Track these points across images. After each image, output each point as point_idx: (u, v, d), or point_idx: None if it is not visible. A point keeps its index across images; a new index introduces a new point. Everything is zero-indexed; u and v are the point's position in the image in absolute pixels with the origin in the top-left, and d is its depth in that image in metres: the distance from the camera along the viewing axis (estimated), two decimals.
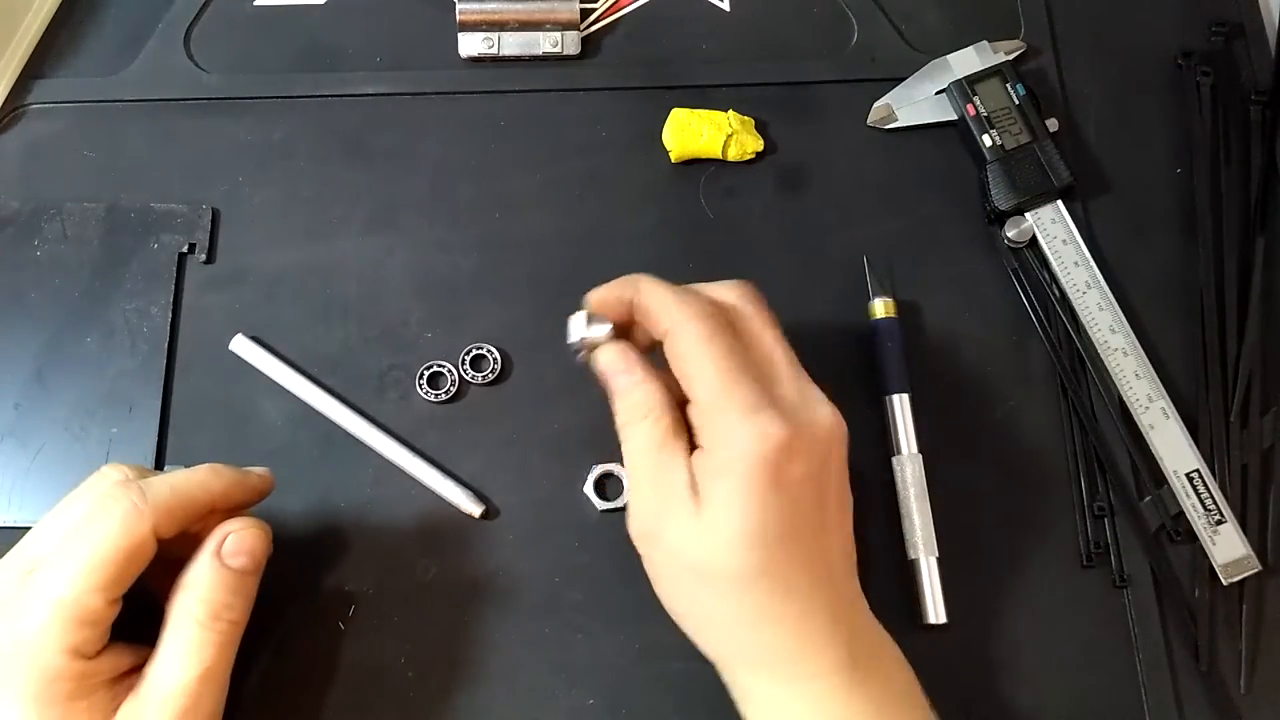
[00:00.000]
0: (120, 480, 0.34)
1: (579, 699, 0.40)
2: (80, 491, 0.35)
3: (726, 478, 0.33)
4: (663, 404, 0.36)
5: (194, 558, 0.35)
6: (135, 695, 0.33)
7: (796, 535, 0.34)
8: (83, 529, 0.32)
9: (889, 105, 0.49)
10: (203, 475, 0.35)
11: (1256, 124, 0.49)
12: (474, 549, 0.42)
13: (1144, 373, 0.44)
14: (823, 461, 0.35)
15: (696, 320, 0.35)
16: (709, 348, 0.34)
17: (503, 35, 0.49)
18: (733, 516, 0.33)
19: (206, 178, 0.48)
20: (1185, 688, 0.41)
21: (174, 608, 0.34)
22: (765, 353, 0.36)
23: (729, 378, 0.34)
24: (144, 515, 0.32)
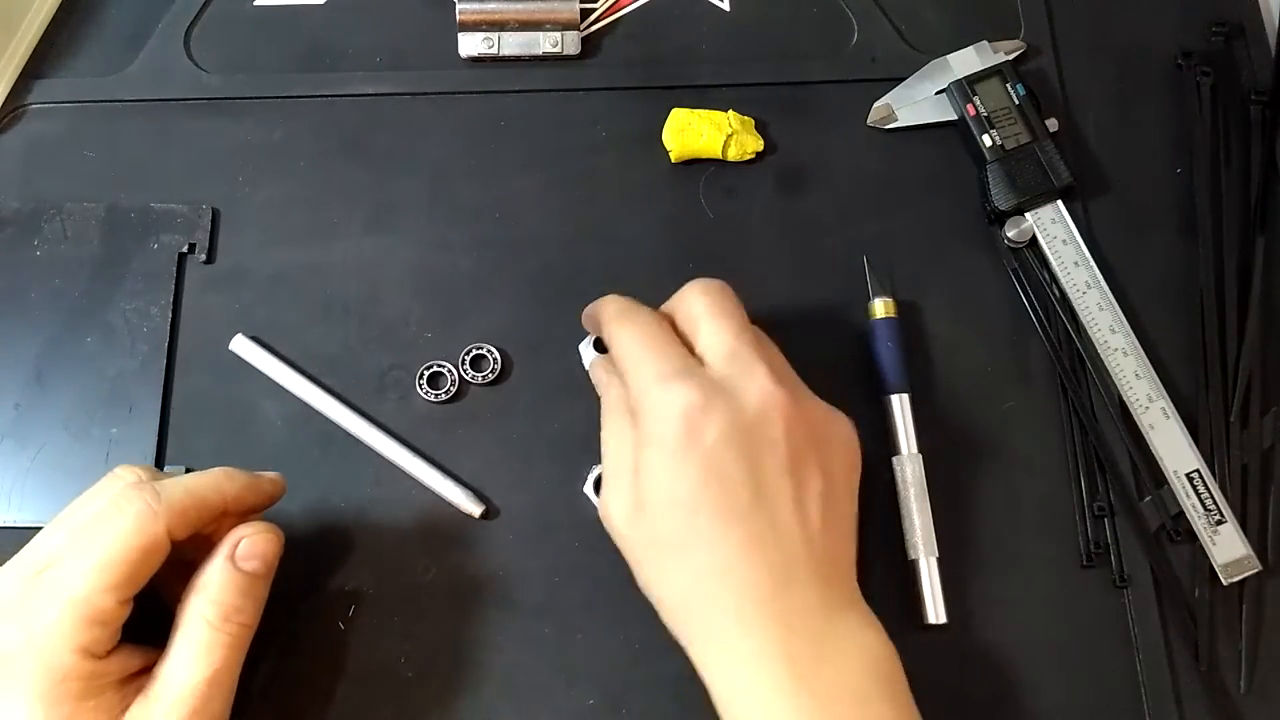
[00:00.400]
0: (134, 482, 0.34)
1: (579, 699, 0.40)
2: (93, 492, 0.35)
3: (646, 449, 0.35)
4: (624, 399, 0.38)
5: (207, 560, 0.35)
6: (144, 696, 0.33)
7: (724, 508, 0.34)
8: (96, 528, 0.32)
9: (889, 105, 0.49)
10: (216, 478, 0.35)
11: (1256, 124, 0.49)
12: (474, 549, 0.42)
13: (1144, 373, 0.44)
14: (753, 430, 0.35)
15: (626, 319, 0.38)
16: (626, 331, 0.38)
17: (503, 35, 0.49)
18: (654, 485, 0.35)
19: (206, 178, 0.48)
20: (1185, 688, 0.41)
21: (185, 609, 0.34)
22: (698, 333, 0.38)
23: (645, 357, 0.36)
24: (158, 516, 0.32)
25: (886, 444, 0.43)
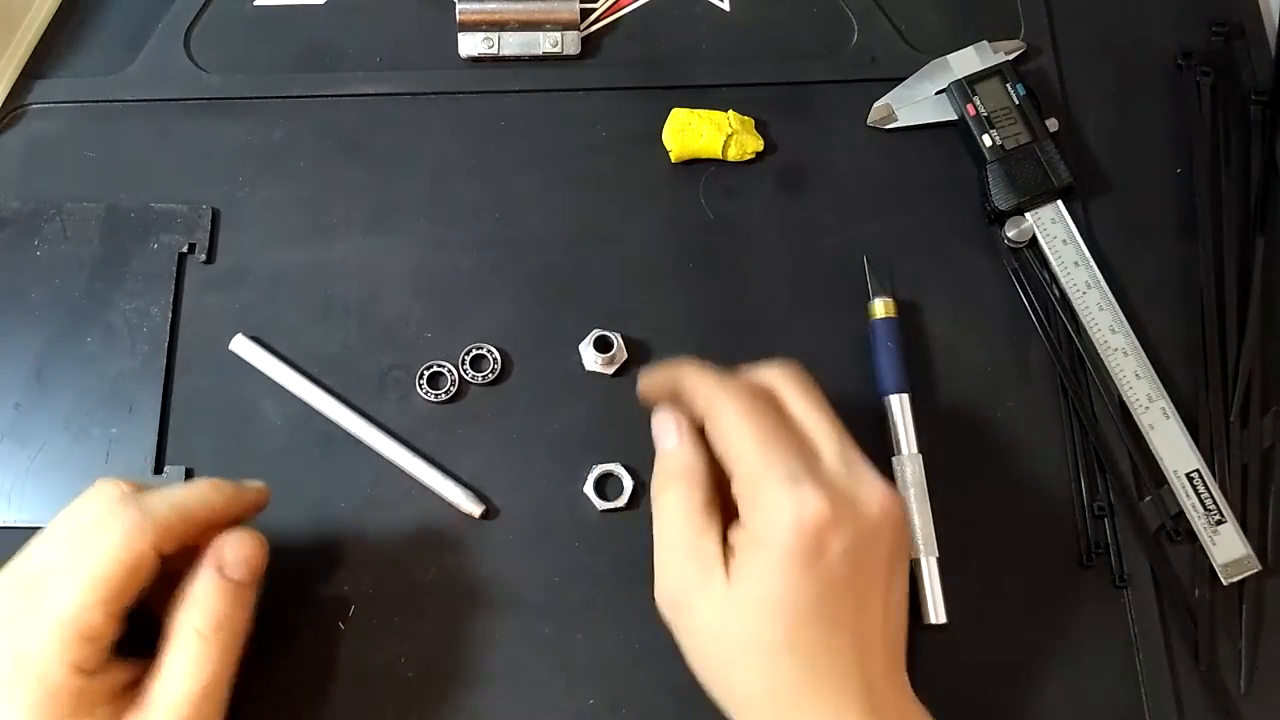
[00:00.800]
0: (119, 496, 0.34)
1: (579, 699, 0.40)
2: (79, 505, 0.34)
3: (762, 548, 0.33)
4: (700, 472, 0.36)
5: (193, 571, 0.35)
6: (138, 709, 0.33)
7: (833, 616, 0.33)
8: (84, 544, 0.32)
9: (889, 105, 0.49)
10: (203, 490, 0.35)
11: (1256, 124, 0.49)
12: (474, 549, 0.42)
13: (1144, 373, 0.44)
14: (868, 541, 0.34)
15: (733, 397, 0.35)
16: (747, 422, 0.35)
17: (503, 35, 0.49)
18: (764, 586, 0.33)
19: (206, 178, 0.48)
20: (1185, 688, 0.41)
21: (175, 621, 0.34)
22: (809, 427, 0.36)
23: (767, 450, 0.34)
24: (145, 531, 0.32)
25: (886, 444, 0.43)
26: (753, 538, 0.34)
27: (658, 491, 0.37)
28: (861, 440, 0.43)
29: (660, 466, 0.37)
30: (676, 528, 0.35)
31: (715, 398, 0.36)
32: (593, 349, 0.44)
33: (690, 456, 0.36)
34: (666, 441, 0.37)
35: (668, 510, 0.36)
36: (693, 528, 0.35)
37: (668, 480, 0.36)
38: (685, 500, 0.35)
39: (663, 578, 0.36)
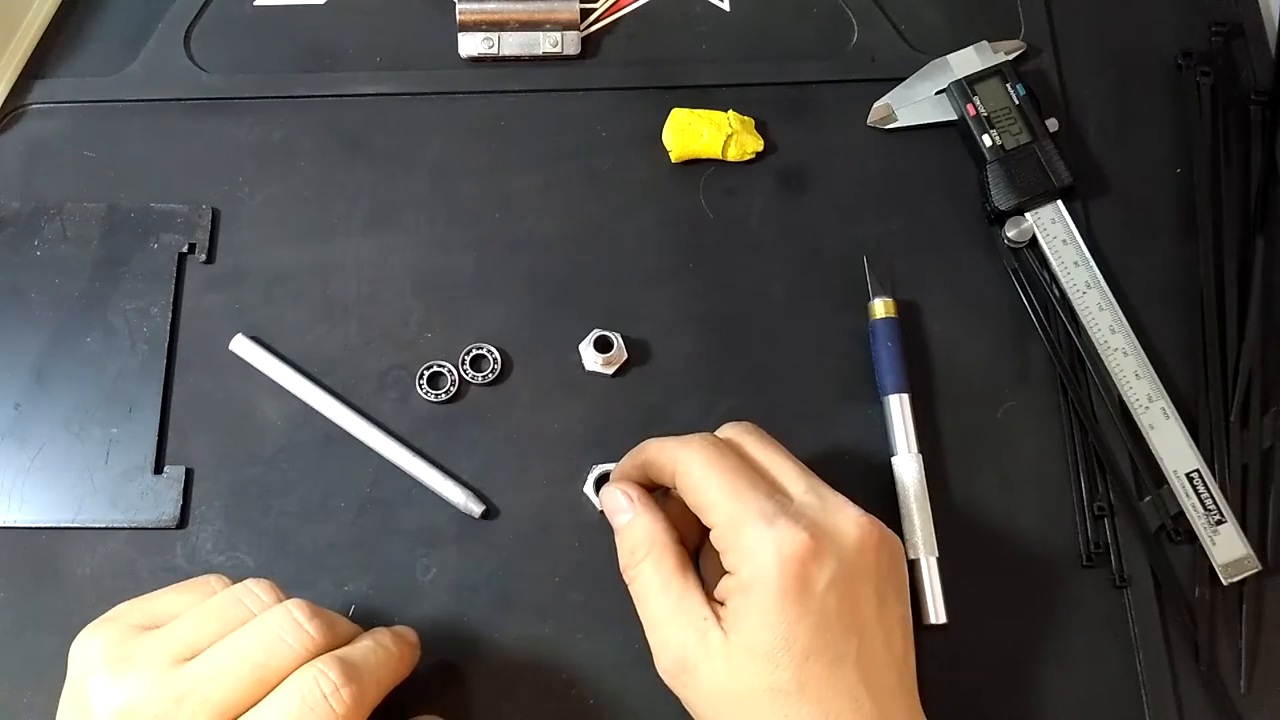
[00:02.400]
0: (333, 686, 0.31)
1: (579, 699, 0.40)
2: (217, 578, 0.34)
3: (752, 592, 0.33)
4: (663, 534, 0.36)
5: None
6: None
7: (829, 647, 0.33)
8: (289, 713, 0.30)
9: (889, 105, 0.49)
10: (395, 663, 0.34)
11: (1256, 124, 0.49)
12: (474, 549, 0.42)
13: (1144, 373, 0.44)
14: (853, 567, 0.34)
15: (698, 450, 0.36)
16: (714, 469, 0.35)
17: (503, 35, 0.49)
18: (763, 631, 0.33)
19: (206, 178, 0.48)
20: (1185, 688, 0.41)
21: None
22: (774, 470, 0.36)
23: (739, 494, 0.34)
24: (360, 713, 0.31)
25: (886, 444, 0.43)
26: (741, 584, 0.33)
27: (628, 566, 0.37)
28: (861, 440, 0.44)
29: (623, 542, 0.37)
30: (659, 598, 0.35)
31: (679, 453, 0.36)
32: (593, 349, 0.44)
33: (649, 523, 0.36)
34: (620, 516, 0.37)
35: (645, 584, 0.36)
36: (674, 593, 0.35)
37: (635, 553, 0.36)
38: (659, 568, 0.35)
39: (661, 650, 0.35)
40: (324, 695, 0.31)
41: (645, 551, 0.36)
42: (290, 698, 0.31)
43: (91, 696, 0.31)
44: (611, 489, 0.38)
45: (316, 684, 0.31)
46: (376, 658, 0.34)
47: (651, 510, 0.37)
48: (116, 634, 0.32)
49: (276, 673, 0.31)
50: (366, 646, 0.34)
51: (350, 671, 0.32)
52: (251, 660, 0.31)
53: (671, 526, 0.37)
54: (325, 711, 0.31)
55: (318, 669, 0.31)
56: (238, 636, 0.32)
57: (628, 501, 0.37)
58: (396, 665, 0.35)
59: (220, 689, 0.31)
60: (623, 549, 0.37)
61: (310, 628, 0.32)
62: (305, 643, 0.32)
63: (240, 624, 0.32)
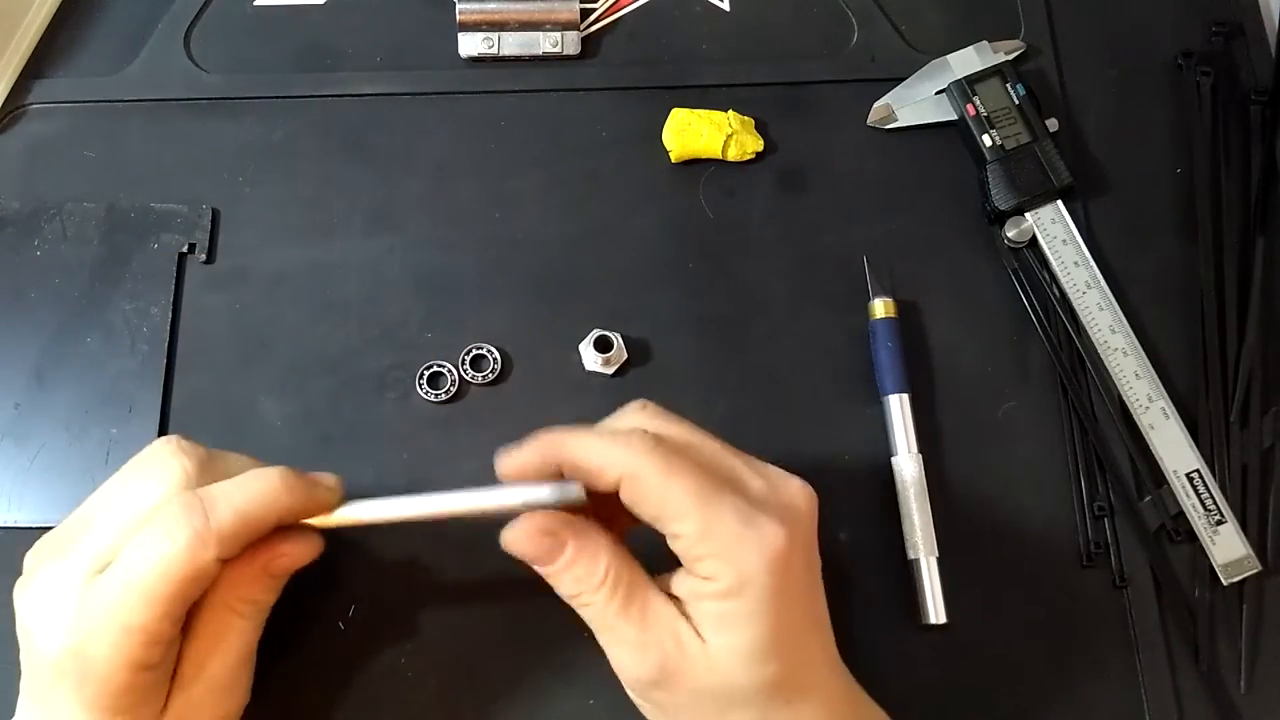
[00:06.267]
0: (186, 499, 0.32)
1: (579, 699, 0.40)
2: (140, 489, 0.34)
3: (741, 598, 0.32)
4: (612, 557, 0.33)
5: (241, 560, 0.34)
6: (182, 686, 0.34)
7: (812, 625, 0.34)
8: (147, 550, 0.32)
9: (889, 105, 0.49)
10: (274, 493, 0.33)
11: (1256, 124, 0.49)
12: (474, 548, 0.42)
13: (1144, 373, 0.44)
14: (811, 539, 0.34)
15: (649, 456, 0.32)
16: (675, 479, 0.32)
17: (503, 35, 0.49)
18: (751, 633, 0.32)
19: (206, 178, 0.48)
20: (1185, 688, 0.41)
21: (213, 600, 0.34)
22: (710, 456, 0.34)
23: (706, 501, 0.32)
24: (209, 544, 0.32)
25: (886, 444, 0.43)
26: (724, 590, 0.32)
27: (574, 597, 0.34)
28: (861, 440, 0.44)
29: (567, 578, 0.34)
30: (621, 620, 0.33)
31: (628, 464, 0.32)
32: (593, 349, 0.44)
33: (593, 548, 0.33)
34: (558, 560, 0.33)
35: (603, 612, 0.33)
36: (636, 610, 0.33)
37: (581, 584, 0.33)
38: (615, 592, 0.33)
39: (633, 666, 0.33)
40: (181, 506, 0.32)
41: (600, 578, 0.33)
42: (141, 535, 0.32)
43: (23, 629, 0.33)
44: (525, 533, 0.33)
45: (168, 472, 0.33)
46: (244, 490, 0.33)
47: (589, 534, 0.34)
48: (31, 562, 0.34)
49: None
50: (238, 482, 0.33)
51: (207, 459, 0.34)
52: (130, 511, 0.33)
53: (610, 536, 0.34)
54: (184, 521, 0.31)
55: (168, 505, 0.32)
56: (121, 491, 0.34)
57: (553, 540, 0.33)
58: (276, 498, 0.33)
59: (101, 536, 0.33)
60: (568, 584, 0.34)
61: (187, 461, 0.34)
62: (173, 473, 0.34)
63: (133, 505, 0.33)
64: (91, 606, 0.32)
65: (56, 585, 0.32)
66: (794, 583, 0.33)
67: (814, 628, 0.34)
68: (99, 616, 0.31)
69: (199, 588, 0.32)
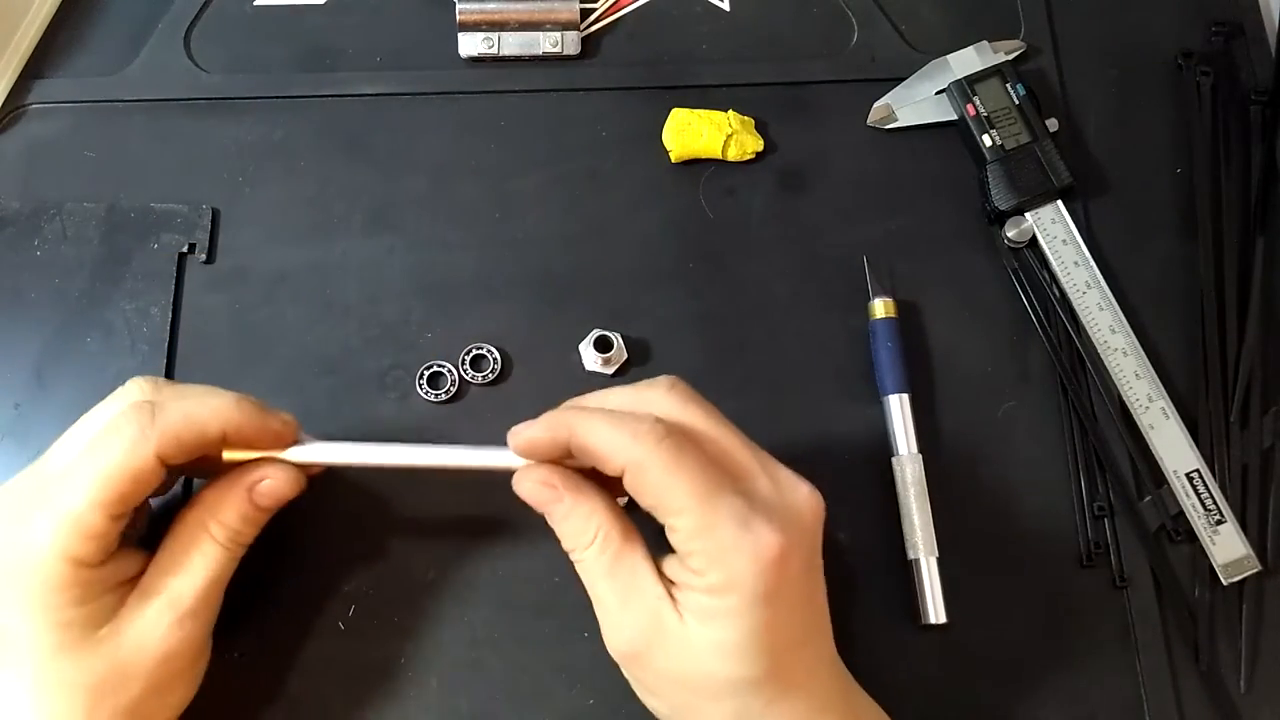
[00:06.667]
0: (136, 401, 0.34)
1: (579, 699, 0.40)
2: (103, 403, 0.35)
3: (726, 597, 0.32)
4: (607, 520, 0.34)
5: (221, 481, 0.35)
6: (140, 593, 0.34)
7: (803, 629, 0.34)
8: (93, 446, 0.33)
9: (889, 105, 0.49)
10: (221, 405, 0.34)
11: (1256, 124, 0.49)
12: (474, 549, 0.42)
13: (1144, 373, 0.44)
14: (813, 546, 0.34)
15: (655, 449, 0.32)
16: (678, 475, 0.32)
17: (503, 35, 0.49)
18: (732, 632, 0.32)
19: (206, 178, 0.48)
20: (1185, 688, 0.41)
21: (189, 518, 0.35)
22: (724, 448, 0.34)
23: (707, 499, 0.32)
24: (149, 441, 0.32)
25: (886, 444, 0.43)
26: (711, 586, 0.32)
27: (572, 550, 0.35)
28: (861, 440, 0.44)
29: (563, 530, 0.35)
30: (606, 581, 0.34)
31: (634, 453, 0.33)
32: (593, 349, 0.44)
33: (588, 508, 0.34)
34: (554, 507, 0.35)
35: (591, 568, 0.34)
36: (623, 575, 0.34)
37: (579, 538, 0.35)
38: (604, 550, 0.34)
39: (612, 632, 0.34)
40: (131, 403, 0.33)
41: (590, 537, 0.34)
42: (106, 409, 0.34)
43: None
44: (531, 482, 0.35)
45: (127, 393, 0.35)
46: (192, 397, 0.34)
47: (586, 492, 0.35)
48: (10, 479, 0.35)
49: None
50: (191, 395, 0.35)
51: (163, 389, 0.35)
52: (86, 430, 0.34)
53: (610, 502, 0.35)
54: (130, 417, 0.33)
55: (120, 408, 0.34)
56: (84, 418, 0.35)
57: (551, 491, 0.35)
58: (226, 411, 0.34)
59: (58, 457, 0.34)
60: (564, 536, 0.35)
61: (146, 386, 0.35)
62: (133, 391, 0.35)
63: (92, 425, 0.34)
64: (36, 502, 0.32)
65: (11, 490, 0.34)
66: (787, 589, 0.33)
67: (806, 633, 0.34)
68: (41, 509, 0.32)
69: (141, 486, 0.33)
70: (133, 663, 0.33)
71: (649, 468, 0.32)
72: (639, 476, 0.33)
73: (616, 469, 0.33)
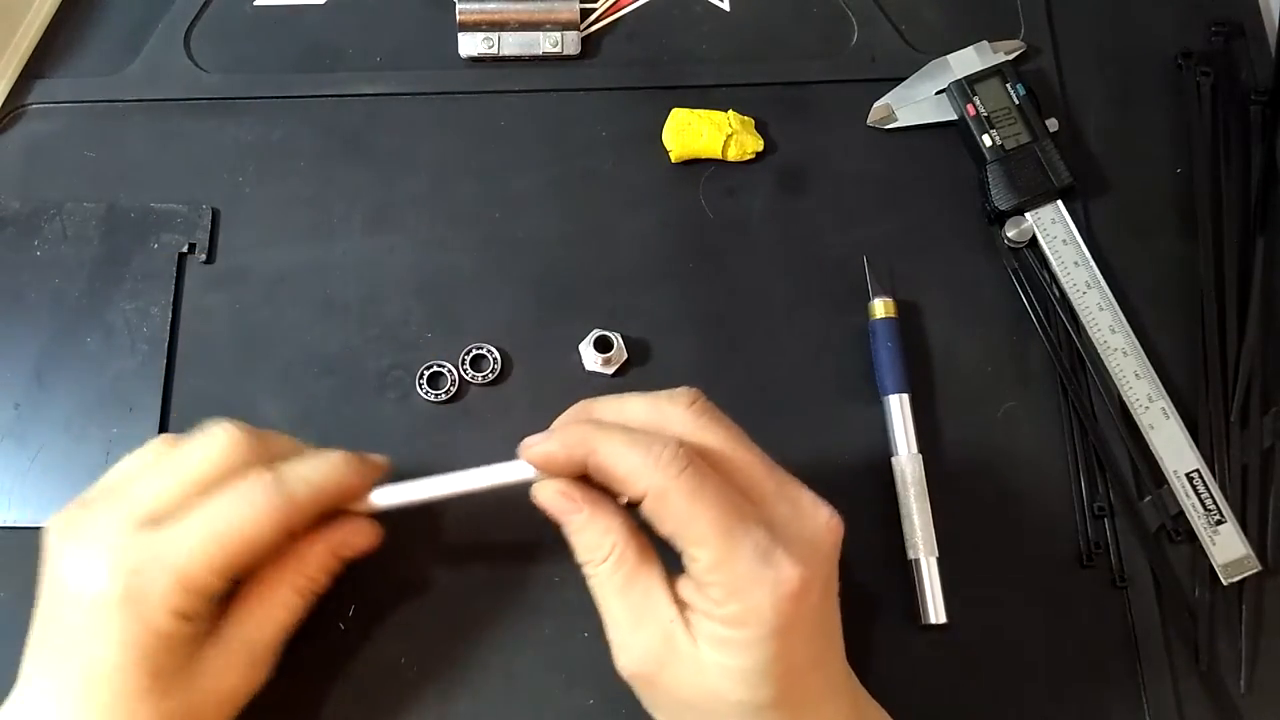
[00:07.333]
0: (267, 476, 0.33)
1: (579, 699, 0.40)
2: (201, 452, 0.34)
3: (742, 629, 0.31)
4: (623, 536, 0.34)
5: (311, 538, 0.36)
6: (220, 641, 0.34)
7: (818, 654, 0.33)
8: (219, 508, 0.32)
9: (889, 105, 0.49)
10: (340, 471, 0.35)
11: (1256, 124, 0.49)
12: (474, 549, 0.42)
13: (1144, 373, 0.44)
14: (830, 571, 0.34)
15: (677, 479, 0.32)
16: (699, 506, 0.32)
17: (503, 35, 0.49)
18: (745, 660, 0.32)
19: (206, 178, 0.48)
20: (1185, 688, 0.41)
21: (275, 573, 0.35)
22: (746, 475, 0.34)
23: (729, 531, 0.32)
24: (282, 513, 0.33)
25: (886, 444, 0.43)
26: (728, 617, 0.32)
27: (586, 564, 0.35)
28: (861, 440, 0.44)
29: (578, 542, 0.35)
30: (618, 599, 0.34)
31: (655, 481, 0.32)
32: (593, 349, 0.44)
33: (605, 523, 0.34)
34: (572, 517, 0.35)
35: (604, 584, 0.34)
36: (637, 593, 0.33)
37: (593, 552, 0.34)
38: (619, 567, 0.34)
39: (621, 653, 0.34)
40: (259, 473, 0.33)
41: (605, 552, 0.34)
42: (221, 496, 0.33)
43: (62, 574, 0.33)
44: (551, 491, 0.35)
45: (237, 448, 0.34)
46: (316, 469, 0.34)
47: (604, 507, 0.34)
48: (74, 511, 0.34)
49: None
50: (306, 459, 0.35)
51: (268, 445, 0.35)
52: (194, 476, 0.34)
53: (627, 519, 0.34)
54: (264, 487, 0.33)
55: (252, 472, 0.33)
56: (183, 460, 0.34)
57: (573, 504, 0.34)
58: (341, 477, 0.35)
59: (155, 496, 0.33)
60: (579, 549, 0.35)
61: (250, 441, 0.35)
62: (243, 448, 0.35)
63: (194, 474, 0.34)
64: (147, 550, 0.32)
65: (101, 531, 0.33)
66: (804, 618, 0.32)
67: (820, 655, 0.34)
68: (155, 562, 0.32)
69: (260, 555, 0.33)
70: (205, 704, 0.34)
71: (670, 498, 0.32)
72: (659, 505, 0.32)
73: (636, 495, 0.33)
